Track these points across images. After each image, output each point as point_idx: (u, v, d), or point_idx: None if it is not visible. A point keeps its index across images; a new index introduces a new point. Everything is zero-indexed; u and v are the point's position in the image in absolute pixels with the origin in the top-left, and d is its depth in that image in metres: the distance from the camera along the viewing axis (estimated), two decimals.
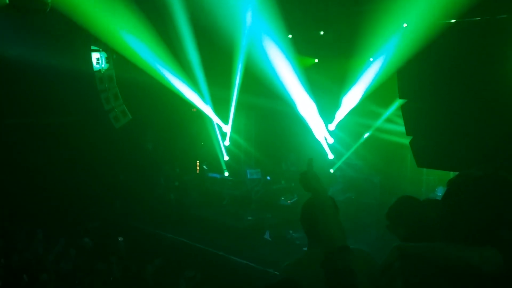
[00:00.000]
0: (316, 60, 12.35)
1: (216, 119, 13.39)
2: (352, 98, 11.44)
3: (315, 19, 10.85)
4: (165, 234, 11.33)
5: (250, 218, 11.70)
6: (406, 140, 6.47)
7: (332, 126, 12.21)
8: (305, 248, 3.61)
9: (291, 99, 11.72)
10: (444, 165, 5.75)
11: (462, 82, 5.21)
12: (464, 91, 5.22)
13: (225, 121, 13.41)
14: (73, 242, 9.54)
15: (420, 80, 5.64)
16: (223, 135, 13.63)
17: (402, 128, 6.17)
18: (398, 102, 8.62)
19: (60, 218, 11.39)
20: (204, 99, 12.86)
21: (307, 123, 11.99)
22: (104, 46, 12.22)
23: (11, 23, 10.43)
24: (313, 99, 11.74)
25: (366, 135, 11.83)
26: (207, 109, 13.10)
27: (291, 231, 10.69)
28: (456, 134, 5.40)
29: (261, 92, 12.03)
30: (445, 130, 5.50)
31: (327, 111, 12.02)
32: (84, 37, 12.11)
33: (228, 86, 12.61)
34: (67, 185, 12.57)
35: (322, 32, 11.10)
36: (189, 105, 13.32)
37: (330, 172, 12.26)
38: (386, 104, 11.13)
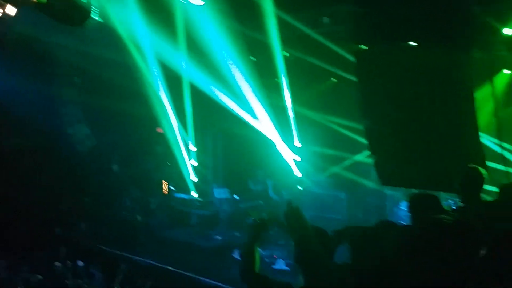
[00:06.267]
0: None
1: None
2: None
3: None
4: (131, 256, 11.18)
5: (218, 237, 11.71)
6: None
7: (297, 143, 12.43)
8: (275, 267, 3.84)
9: (255, 120, 11.96)
10: (405, 183, 6.00)
11: (420, 106, 5.48)
12: (421, 114, 5.48)
13: (192, 141, 13.47)
14: (42, 267, 9.36)
15: (382, 104, 5.90)
16: (190, 155, 13.65)
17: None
18: None
19: (24, 242, 11.14)
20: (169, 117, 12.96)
21: (272, 143, 12.17)
22: (68, 69, 12.19)
23: None
24: (274, 119, 12.00)
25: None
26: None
27: (259, 249, 10.70)
28: (416, 154, 5.65)
29: (224, 115, 12.24)
30: (405, 151, 5.76)
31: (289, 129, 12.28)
32: (47, 60, 12.02)
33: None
34: (30, 210, 12.30)
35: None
36: (154, 125, 13.33)
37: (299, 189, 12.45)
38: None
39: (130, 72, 11.98)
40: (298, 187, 12.43)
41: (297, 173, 12.50)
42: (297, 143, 12.41)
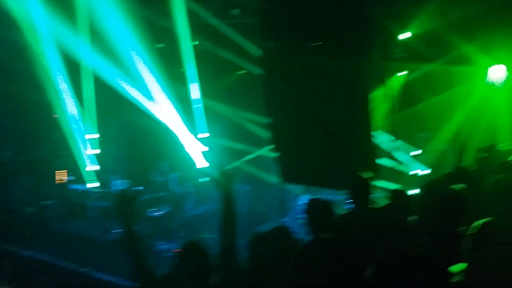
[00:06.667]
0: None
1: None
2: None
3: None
4: (21, 250, 10.61)
5: (116, 231, 11.32)
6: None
7: (203, 135, 12.31)
8: None
9: (159, 110, 11.68)
10: (304, 181, 6.12)
11: (320, 106, 5.60)
12: (321, 114, 5.61)
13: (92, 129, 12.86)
14: None
15: (285, 101, 5.97)
16: (91, 143, 13.03)
17: None
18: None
19: None
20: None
21: (174, 134, 11.96)
22: None
23: None
24: (179, 110, 11.80)
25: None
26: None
27: (157, 244, 10.55)
28: (314, 153, 5.78)
29: (128, 104, 11.84)
30: (304, 149, 5.87)
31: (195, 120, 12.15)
32: None
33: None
34: None
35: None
36: (50, 111, 12.62)
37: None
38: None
39: (23, 54, 11.26)
40: (201, 179, 12.35)
41: (203, 165, 12.37)
42: (203, 135, 12.29)
